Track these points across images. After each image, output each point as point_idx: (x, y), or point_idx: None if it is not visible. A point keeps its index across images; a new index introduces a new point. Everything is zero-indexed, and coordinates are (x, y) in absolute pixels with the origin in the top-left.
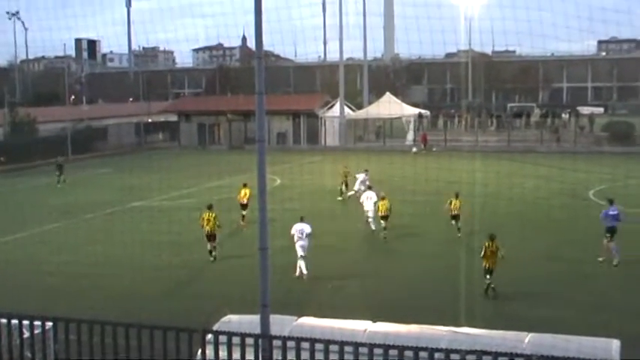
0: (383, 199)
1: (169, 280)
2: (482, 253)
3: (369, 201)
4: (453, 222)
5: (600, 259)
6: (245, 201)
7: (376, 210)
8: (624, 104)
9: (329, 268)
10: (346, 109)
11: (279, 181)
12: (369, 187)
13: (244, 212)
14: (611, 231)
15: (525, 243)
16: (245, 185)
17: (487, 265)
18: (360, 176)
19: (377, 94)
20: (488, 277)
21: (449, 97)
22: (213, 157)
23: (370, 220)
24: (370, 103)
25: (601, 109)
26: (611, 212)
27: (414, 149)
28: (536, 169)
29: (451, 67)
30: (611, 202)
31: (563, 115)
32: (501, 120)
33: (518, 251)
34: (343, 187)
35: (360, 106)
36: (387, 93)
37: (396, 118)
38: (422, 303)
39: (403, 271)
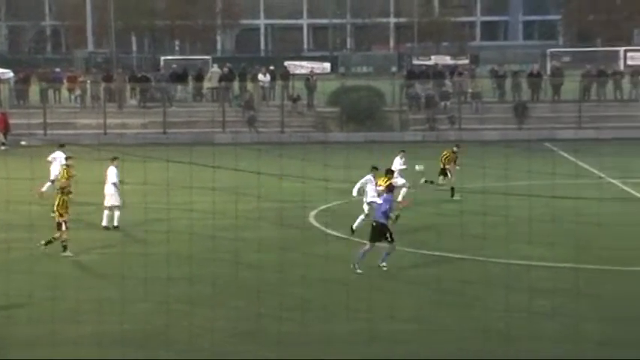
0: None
1: None
2: None
3: None
4: None
5: (355, 266)
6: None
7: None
8: (365, 56)
9: None
10: None
11: None
12: None
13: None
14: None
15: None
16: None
17: None
18: None
19: None
20: None
21: (50, 42)
22: None
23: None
24: None
25: (326, 66)
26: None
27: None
28: (219, 176)
29: None
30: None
31: (260, 77)
32: (149, 88)
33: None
34: None
35: None
36: None
37: None
38: None
39: None
